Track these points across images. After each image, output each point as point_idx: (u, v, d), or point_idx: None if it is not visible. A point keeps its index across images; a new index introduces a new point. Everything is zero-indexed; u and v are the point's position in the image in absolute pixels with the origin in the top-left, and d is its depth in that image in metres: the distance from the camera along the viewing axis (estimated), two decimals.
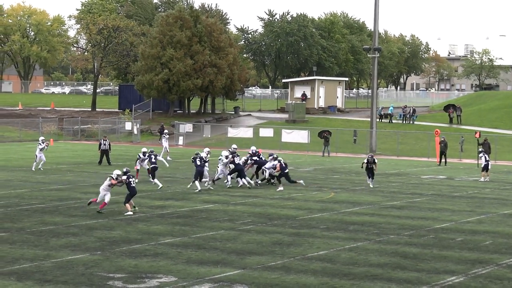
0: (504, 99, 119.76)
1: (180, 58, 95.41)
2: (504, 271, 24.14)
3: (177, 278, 22.14)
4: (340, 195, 42.70)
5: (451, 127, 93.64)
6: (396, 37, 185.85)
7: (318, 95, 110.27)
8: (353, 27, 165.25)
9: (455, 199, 42.59)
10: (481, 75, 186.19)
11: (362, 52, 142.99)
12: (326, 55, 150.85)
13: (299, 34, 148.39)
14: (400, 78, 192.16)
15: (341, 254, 26.20)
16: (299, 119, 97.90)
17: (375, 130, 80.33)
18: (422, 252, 26.80)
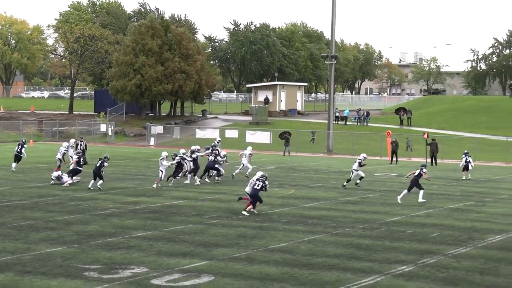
0: (450, 103, 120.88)
1: (152, 65, 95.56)
2: (450, 260, 24.28)
3: (148, 269, 22.10)
4: (299, 192, 42.78)
5: (402, 128, 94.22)
6: (352, 45, 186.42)
7: (280, 99, 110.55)
8: (311, 36, 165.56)
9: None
10: (429, 80, 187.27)
11: (320, 59, 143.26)
12: (287, 62, 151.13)
13: (262, 43, 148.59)
14: (355, 83, 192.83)
15: (300, 246, 26.24)
16: (262, 121, 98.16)
17: (332, 131, 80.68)
18: (375, 244, 26.90)
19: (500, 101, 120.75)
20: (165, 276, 21.22)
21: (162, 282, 20.63)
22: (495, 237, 29.04)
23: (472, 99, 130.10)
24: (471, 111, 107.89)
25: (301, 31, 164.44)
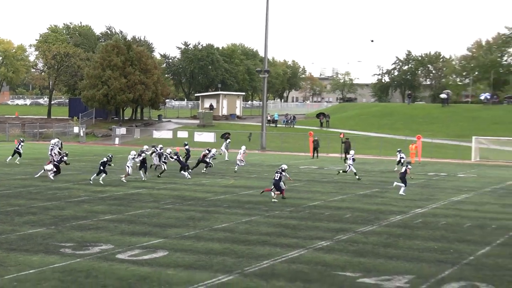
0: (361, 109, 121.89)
1: (116, 78, 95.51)
2: (360, 236, 24.55)
3: (114, 245, 22.01)
4: (238, 182, 42.85)
5: (322, 129, 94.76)
6: (281, 61, 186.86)
7: (222, 105, 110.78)
8: (248, 54, 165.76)
9: (324, 183, 43.12)
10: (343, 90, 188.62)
11: (255, 73, 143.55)
12: (228, 75, 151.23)
13: (207, 60, 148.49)
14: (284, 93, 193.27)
15: (239, 226, 26.33)
16: (207, 124, 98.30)
17: (265, 132, 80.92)
18: (299, 224, 27.08)
19: (400, 107, 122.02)
20: (127, 252, 21.16)
21: (125, 256, 20.58)
22: (396, 217, 29.41)
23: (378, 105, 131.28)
24: (377, 116, 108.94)
25: (239, 50, 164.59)
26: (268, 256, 20.90)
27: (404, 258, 21.15)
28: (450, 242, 23.81)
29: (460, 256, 21.59)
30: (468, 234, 25.62)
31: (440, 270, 19.60)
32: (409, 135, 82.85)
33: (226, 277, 18.29)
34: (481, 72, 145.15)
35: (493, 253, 22.16)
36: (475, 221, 28.76)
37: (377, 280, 18.30)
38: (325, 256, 21.11)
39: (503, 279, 18.75)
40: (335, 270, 19.35)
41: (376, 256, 21.37)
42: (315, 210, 31.17)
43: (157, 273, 18.58)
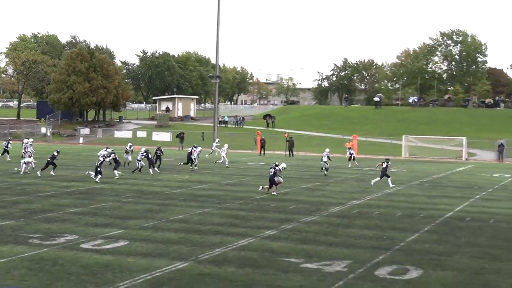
0: (302, 111, 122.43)
1: (81, 82, 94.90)
2: (303, 226, 24.58)
3: (78, 236, 21.69)
4: (193, 177, 42.68)
5: (268, 129, 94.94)
6: (231, 68, 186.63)
7: (178, 108, 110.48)
8: (201, 61, 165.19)
9: None
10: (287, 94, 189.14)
11: (208, 79, 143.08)
12: (183, 80, 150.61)
13: (164, 66, 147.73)
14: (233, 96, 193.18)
15: (193, 217, 26.17)
16: (164, 125, 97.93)
17: (217, 132, 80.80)
18: (248, 215, 27.02)
19: (338, 109, 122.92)
20: (91, 242, 20.87)
21: (89, 246, 20.29)
22: (335, 208, 29.54)
23: (318, 108, 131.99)
24: (317, 117, 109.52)
25: (193, 57, 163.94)
26: (220, 244, 20.79)
27: (343, 245, 21.21)
28: (383, 230, 23.98)
29: (392, 242, 21.75)
30: (399, 222, 25.84)
31: (374, 255, 19.70)
32: (346, 134, 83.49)
33: (182, 264, 18.15)
34: (409, 78, 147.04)
35: (421, 239, 22.37)
36: (405, 211, 29.04)
37: (318, 265, 18.32)
38: (272, 244, 21.07)
39: (430, 262, 18.92)
40: (280, 256, 19.33)
41: (318, 243, 21.40)
42: (262, 202, 31.15)
43: (118, 261, 18.35)
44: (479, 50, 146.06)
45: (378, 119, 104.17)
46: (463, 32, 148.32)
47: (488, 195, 36.01)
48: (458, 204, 31.59)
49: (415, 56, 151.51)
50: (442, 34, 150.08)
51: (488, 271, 18.03)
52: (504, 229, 24.72)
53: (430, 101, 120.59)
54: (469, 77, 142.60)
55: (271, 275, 17.14)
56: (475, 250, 20.83)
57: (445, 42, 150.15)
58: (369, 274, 17.42)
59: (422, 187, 39.39)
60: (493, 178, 47.03)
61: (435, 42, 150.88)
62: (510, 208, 30.87)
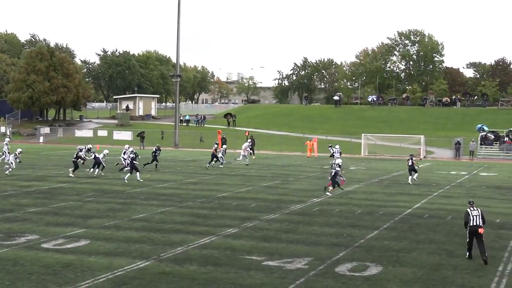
0: (263, 109, 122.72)
1: (40, 81, 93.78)
2: (264, 223, 24.65)
3: (39, 236, 21.46)
4: (154, 176, 42.51)
5: (229, 128, 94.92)
6: (192, 67, 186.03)
7: (138, 107, 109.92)
8: (162, 60, 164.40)
9: (232, 176, 43.17)
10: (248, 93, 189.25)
11: (169, 78, 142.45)
12: (143, 79, 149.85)
13: (124, 65, 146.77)
14: (194, 95, 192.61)
15: (155, 216, 26.08)
16: (125, 124, 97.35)
17: (178, 131, 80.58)
18: (210, 213, 27.00)
19: (298, 108, 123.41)
20: (52, 241, 20.66)
21: (50, 245, 20.09)
22: (295, 206, 29.65)
23: (279, 107, 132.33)
24: (278, 116, 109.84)
25: (154, 56, 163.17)
26: (182, 243, 20.74)
27: (304, 242, 21.31)
28: (343, 228, 24.15)
29: (352, 239, 21.91)
30: (359, 220, 26.05)
31: (335, 252, 19.84)
32: (306, 132, 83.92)
33: (144, 263, 18.07)
34: (368, 77, 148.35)
35: (380, 236, 22.59)
36: (365, 208, 29.28)
37: (279, 262, 18.39)
38: (233, 242, 21.09)
39: (389, 259, 19.11)
40: (242, 254, 19.36)
41: (279, 241, 21.47)
42: (223, 200, 31.14)
43: (80, 260, 18.20)
44: (436, 50, 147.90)
45: (337, 117, 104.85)
46: (420, 32, 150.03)
47: (446, 192, 36.49)
48: (416, 202, 31.95)
49: (373, 56, 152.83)
50: (400, 34, 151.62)
51: (446, 267, 18.28)
52: (461, 226, 24.92)
53: (389, 100, 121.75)
54: (427, 76, 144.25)
55: (233, 273, 17.16)
56: (433, 246, 21.10)
57: (403, 42, 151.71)
58: (329, 271, 17.54)
59: (381, 185, 39.75)
60: (450, 175, 47.66)
61: (393, 42, 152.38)
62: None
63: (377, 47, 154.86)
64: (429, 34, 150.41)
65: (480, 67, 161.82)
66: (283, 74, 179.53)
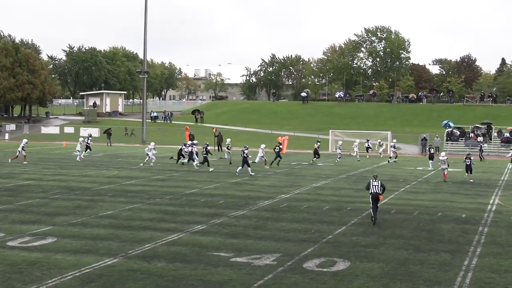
0: (231, 106, 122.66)
1: (5, 78, 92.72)
2: (232, 220, 24.64)
3: (5, 234, 21.23)
4: (121, 173, 42.27)
5: (197, 124, 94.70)
6: (159, 63, 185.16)
7: (105, 103, 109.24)
8: (129, 56, 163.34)
9: (200, 173, 43.06)
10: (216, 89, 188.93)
11: (136, 74, 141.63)
12: (110, 75, 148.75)
13: (91, 61, 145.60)
14: (162, 91, 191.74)
15: (122, 213, 25.94)
16: (92, 120, 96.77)
17: (145, 127, 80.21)
18: (178, 210, 26.94)
19: (266, 104, 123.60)
20: (18, 239, 20.45)
21: (16, 243, 19.88)
22: (264, 202, 29.70)
23: (247, 103, 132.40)
24: (246, 112, 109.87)
25: (121, 53, 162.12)
26: (150, 240, 20.67)
27: (272, 238, 21.36)
28: (311, 223, 24.24)
29: (320, 235, 22.01)
30: (327, 215, 26.17)
31: (303, 248, 19.91)
32: (274, 129, 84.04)
33: (111, 260, 17.96)
34: (336, 73, 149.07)
35: (348, 232, 22.71)
36: (333, 204, 29.42)
37: (248, 259, 18.40)
38: (201, 239, 21.06)
39: (357, 254, 19.22)
40: (210, 251, 19.34)
41: (247, 237, 21.49)
42: (191, 197, 31.08)
43: (46, 258, 18.04)
44: (402, 47, 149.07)
45: (305, 114, 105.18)
46: (387, 29, 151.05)
47: (412, 188, 36.81)
48: (383, 197, 32.14)
49: (341, 52, 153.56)
50: (367, 31, 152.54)
51: (412, 262, 18.44)
52: (427, 221, 25.31)
53: (356, 96, 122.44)
54: (393, 73, 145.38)
55: (201, 270, 17.14)
56: (400, 241, 21.27)
57: (370, 38, 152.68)
58: (297, 267, 17.59)
59: (349, 181, 39.96)
60: (416, 171, 48.07)
61: (360, 38, 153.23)
62: (432, 200, 31.62)
63: (344, 44, 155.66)
64: (395, 30, 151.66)
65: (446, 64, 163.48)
66: (251, 71, 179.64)
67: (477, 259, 18.93)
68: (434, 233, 22.77)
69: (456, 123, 79.32)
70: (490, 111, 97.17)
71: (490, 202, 31.46)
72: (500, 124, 78.84)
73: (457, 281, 16.60)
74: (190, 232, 22.16)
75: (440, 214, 27.02)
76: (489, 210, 28.75)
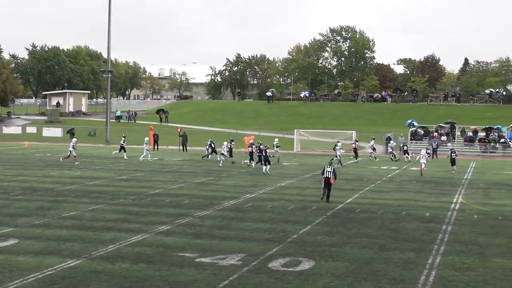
0: (196, 105, 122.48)
1: None
2: (197, 220, 24.58)
3: None
4: (85, 173, 41.92)
5: (161, 124, 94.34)
6: (123, 62, 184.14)
7: (69, 103, 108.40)
8: (92, 55, 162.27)
9: (165, 173, 42.92)
10: (180, 89, 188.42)
11: (99, 73, 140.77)
12: (74, 75, 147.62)
13: (54, 60, 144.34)
14: (126, 91, 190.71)
15: (86, 213, 25.72)
16: (55, 120, 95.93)
17: (109, 127, 79.62)
18: (142, 210, 26.80)
19: (231, 104, 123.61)
20: None
21: None
22: (229, 202, 29.68)
23: (212, 103, 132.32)
24: (211, 111, 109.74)
25: (84, 52, 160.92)
26: (114, 241, 20.53)
27: (237, 238, 21.35)
28: (276, 223, 24.28)
29: (285, 235, 22.05)
30: (292, 215, 26.23)
31: (268, 248, 19.93)
32: (239, 128, 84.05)
33: (74, 262, 17.80)
34: (301, 73, 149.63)
35: (313, 231, 22.79)
36: (298, 203, 29.51)
37: (212, 259, 18.37)
38: (166, 239, 20.98)
39: (322, 253, 19.30)
40: (175, 251, 19.27)
41: (212, 237, 21.45)
42: (156, 197, 30.94)
43: (8, 260, 17.81)
44: (367, 46, 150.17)
45: (270, 113, 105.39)
46: (352, 29, 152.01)
47: (377, 187, 37.08)
48: (348, 196, 32.36)
49: (306, 52, 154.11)
50: (332, 30, 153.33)
51: (377, 261, 18.57)
52: (392, 220, 25.52)
53: (321, 95, 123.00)
54: (358, 73, 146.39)
55: (166, 271, 17.07)
56: (365, 240, 21.41)
57: (335, 38, 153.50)
58: (262, 267, 17.61)
59: (314, 180, 40.09)
60: (381, 170, 48.43)
61: (325, 38, 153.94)
62: (397, 199, 31.89)
63: (309, 43, 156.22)
64: (360, 30, 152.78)
65: (410, 64, 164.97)
66: (216, 70, 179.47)
67: (441, 257, 19.14)
68: (399, 232, 22.96)
69: (420, 122, 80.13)
70: (454, 111, 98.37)
71: (454, 200, 31.84)
72: (463, 123, 79.87)
73: (421, 279, 16.76)
74: (155, 233, 22.06)
75: (405, 213, 27.26)
76: (453, 208, 29.09)
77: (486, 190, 36.87)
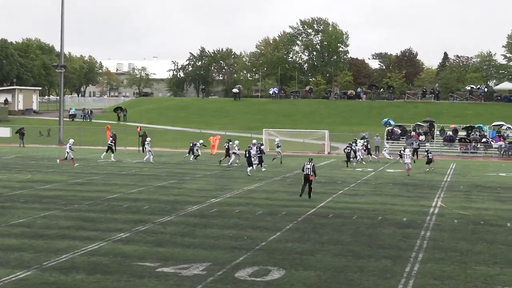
0: (157, 103, 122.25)
1: None
2: (158, 227, 24.49)
3: None
4: (35, 176, 41.56)
5: (119, 123, 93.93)
6: (78, 57, 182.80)
7: (18, 100, 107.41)
8: (44, 49, 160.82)
9: (123, 176, 42.72)
10: (140, 85, 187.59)
11: (52, 68, 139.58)
12: (23, 70, 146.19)
13: (1, 54, 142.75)
14: (81, 87, 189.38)
15: (37, 220, 25.49)
16: (3, 119, 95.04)
17: (63, 127, 79.10)
18: (98, 216, 26.63)
19: (195, 101, 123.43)
20: None
21: None
22: (192, 207, 29.62)
23: (174, 100, 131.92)
24: (173, 109, 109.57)
25: (35, 45, 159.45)
26: (68, 250, 20.37)
27: (201, 246, 21.31)
28: (243, 229, 24.28)
29: (253, 242, 22.06)
30: (260, 221, 26.25)
31: (235, 256, 19.92)
32: (204, 128, 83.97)
33: (24, 273, 17.63)
34: (269, 68, 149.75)
35: (283, 238, 22.82)
36: (267, 208, 29.53)
37: (175, 268, 18.32)
38: (124, 247, 20.87)
39: (292, 262, 19.33)
40: (134, 260, 19.18)
41: (174, 245, 21.39)
42: (113, 202, 30.77)
43: None
44: (340, 40, 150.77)
45: (237, 111, 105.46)
46: (324, 21, 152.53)
47: (351, 190, 37.25)
48: (321, 200, 32.47)
49: (275, 46, 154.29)
50: (303, 23, 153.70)
51: (352, 269, 18.64)
52: (367, 225, 25.65)
53: (291, 92, 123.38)
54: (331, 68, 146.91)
55: (125, 282, 16.98)
56: (338, 247, 21.49)
57: (306, 31, 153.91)
58: (229, 277, 17.59)
59: (284, 183, 40.18)
60: (355, 172, 48.68)
61: (296, 31, 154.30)
62: (372, 203, 32.06)
63: (279, 37, 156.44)
64: (333, 23, 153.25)
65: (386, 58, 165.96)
66: (178, 65, 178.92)
67: (419, 265, 19.27)
68: (374, 238, 23.09)
69: (396, 121, 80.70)
70: (432, 108, 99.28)
71: (433, 204, 32.09)
72: (442, 122, 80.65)
73: None
74: (112, 241, 21.93)
75: (381, 218, 27.42)
76: (432, 213, 29.32)
77: (467, 193, 37.24)
